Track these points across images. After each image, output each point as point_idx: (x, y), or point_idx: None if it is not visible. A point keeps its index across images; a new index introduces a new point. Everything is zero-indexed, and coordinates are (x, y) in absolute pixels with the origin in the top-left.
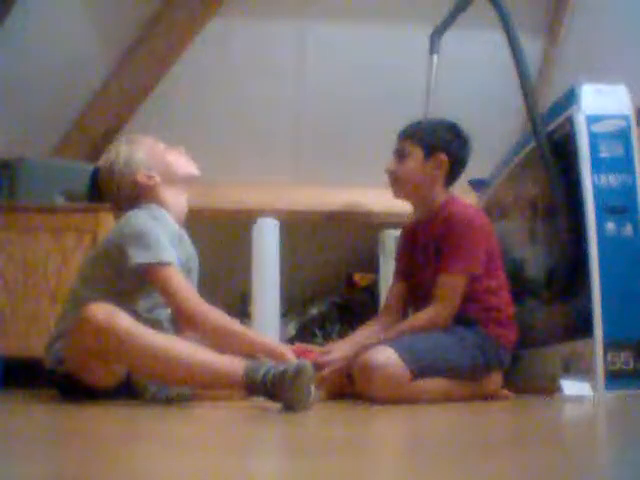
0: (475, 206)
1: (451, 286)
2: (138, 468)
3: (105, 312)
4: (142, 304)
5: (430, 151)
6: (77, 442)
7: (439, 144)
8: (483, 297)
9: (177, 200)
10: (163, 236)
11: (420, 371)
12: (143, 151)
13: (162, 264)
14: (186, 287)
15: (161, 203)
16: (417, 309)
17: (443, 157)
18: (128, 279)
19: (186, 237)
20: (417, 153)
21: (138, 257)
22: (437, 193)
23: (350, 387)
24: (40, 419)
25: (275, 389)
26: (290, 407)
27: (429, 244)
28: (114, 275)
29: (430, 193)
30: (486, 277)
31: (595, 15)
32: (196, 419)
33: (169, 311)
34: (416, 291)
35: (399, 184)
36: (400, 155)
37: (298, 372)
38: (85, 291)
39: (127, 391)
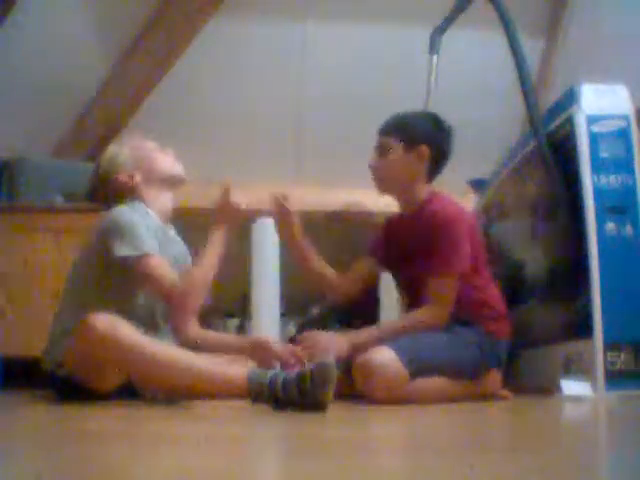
0: (457, 203)
1: (444, 288)
2: (138, 468)
3: (107, 322)
4: (136, 302)
5: (410, 144)
6: (77, 442)
7: (419, 136)
8: (471, 295)
9: (159, 200)
10: (143, 228)
11: (419, 371)
12: (127, 150)
13: (145, 255)
14: (171, 273)
15: (142, 202)
16: (409, 304)
17: (424, 149)
18: (115, 274)
19: (173, 235)
20: (397, 147)
21: (121, 250)
22: (420, 187)
23: (349, 387)
24: (40, 419)
25: (291, 392)
26: (317, 407)
27: (410, 240)
28: (102, 272)
29: (413, 187)
30: (472, 274)
31: (595, 15)
32: (196, 419)
33: (162, 307)
34: (405, 287)
35: (382, 179)
36: (381, 150)
37: (324, 372)
38: (77, 292)
39: (127, 391)
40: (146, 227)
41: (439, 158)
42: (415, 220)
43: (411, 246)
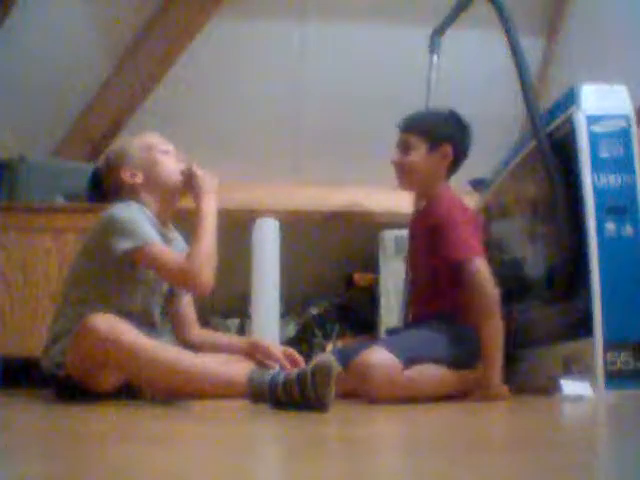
0: (459, 199)
1: (476, 268)
2: (138, 468)
3: (107, 323)
4: (134, 302)
5: (434, 143)
6: (77, 442)
7: (443, 136)
8: (460, 289)
9: (157, 207)
10: (141, 221)
11: (411, 360)
12: (137, 147)
13: (145, 245)
14: (175, 256)
15: (141, 203)
16: (413, 299)
17: (447, 148)
18: (113, 274)
19: (173, 236)
20: (421, 145)
21: (122, 245)
22: (438, 184)
23: (348, 387)
24: (40, 419)
25: (292, 392)
26: (319, 406)
27: (420, 235)
28: (100, 272)
29: (433, 184)
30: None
31: (595, 15)
32: (196, 419)
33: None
34: (414, 283)
35: (405, 175)
36: (404, 147)
37: (325, 371)
38: (75, 292)
39: (127, 391)
40: (145, 220)
41: (459, 157)
42: (422, 215)
43: (421, 240)
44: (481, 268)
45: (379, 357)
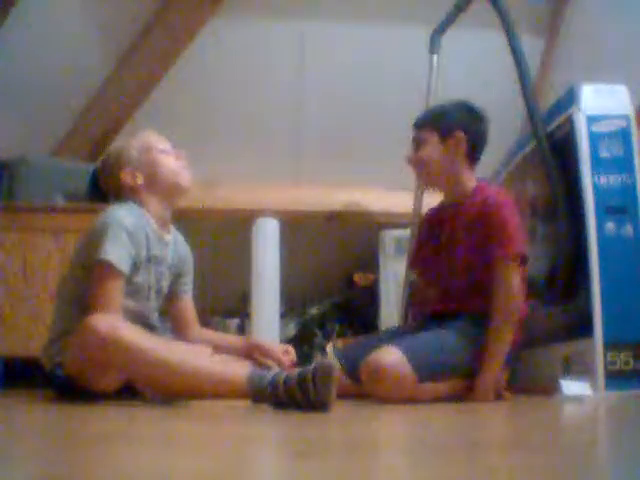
0: (504, 192)
1: (513, 274)
2: (138, 468)
3: (108, 323)
4: (127, 305)
5: (445, 132)
6: (77, 443)
7: (453, 123)
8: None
9: (158, 207)
10: (128, 242)
11: (427, 377)
12: (136, 148)
13: (115, 269)
14: (116, 311)
15: (141, 204)
16: (439, 291)
17: (460, 134)
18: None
19: (170, 238)
20: (433, 137)
21: (101, 253)
22: (465, 176)
23: (355, 387)
24: (40, 419)
25: (293, 392)
26: (320, 407)
27: (457, 229)
28: (87, 272)
29: (456, 175)
30: None
31: (595, 15)
32: (196, 419)
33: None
34: (437, 276)
35: (423, 170)
36: (417, 144)
37: (326, 371)
38: (73, 292)
39: (127, 391)
40: (140, 230)
41: (476, 142)
42: (461, 209)
43: (456, 235)
44: (518, 272)
45: (392, 359)
